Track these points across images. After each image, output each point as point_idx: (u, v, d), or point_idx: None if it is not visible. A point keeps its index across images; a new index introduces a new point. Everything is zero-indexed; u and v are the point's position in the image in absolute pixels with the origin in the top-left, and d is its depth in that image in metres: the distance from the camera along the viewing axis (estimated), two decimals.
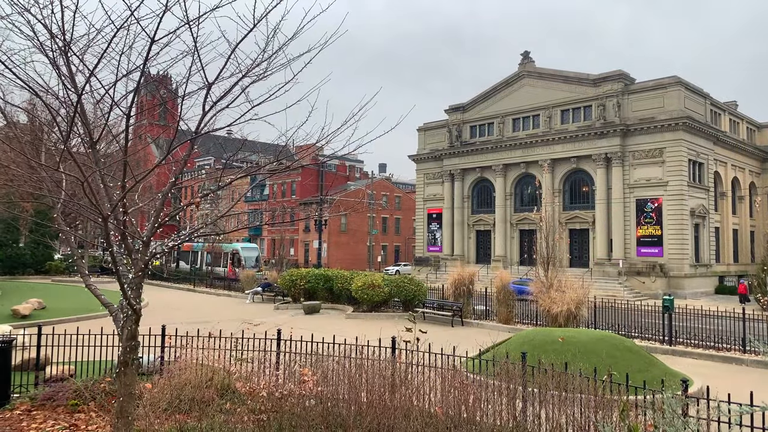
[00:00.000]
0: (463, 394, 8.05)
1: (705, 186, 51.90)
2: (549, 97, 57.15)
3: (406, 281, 28.11)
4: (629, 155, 51.22)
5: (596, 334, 14.85)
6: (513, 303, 24.99)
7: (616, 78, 52.53)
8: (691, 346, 19.43)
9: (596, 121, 52.94)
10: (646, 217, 49.73)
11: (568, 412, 7.71)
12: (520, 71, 60.38)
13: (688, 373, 14.85)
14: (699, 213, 50.47)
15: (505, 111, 60.68)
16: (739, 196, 59.03)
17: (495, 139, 60.91)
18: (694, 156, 50.22)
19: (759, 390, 8.63)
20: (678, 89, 49.24)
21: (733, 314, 22.36)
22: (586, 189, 55.24)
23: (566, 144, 55.05)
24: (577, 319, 21.06)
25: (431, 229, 67.63)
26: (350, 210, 59.36)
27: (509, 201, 60.57)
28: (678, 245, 47.97)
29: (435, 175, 67.74)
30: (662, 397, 5.25)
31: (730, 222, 56.82)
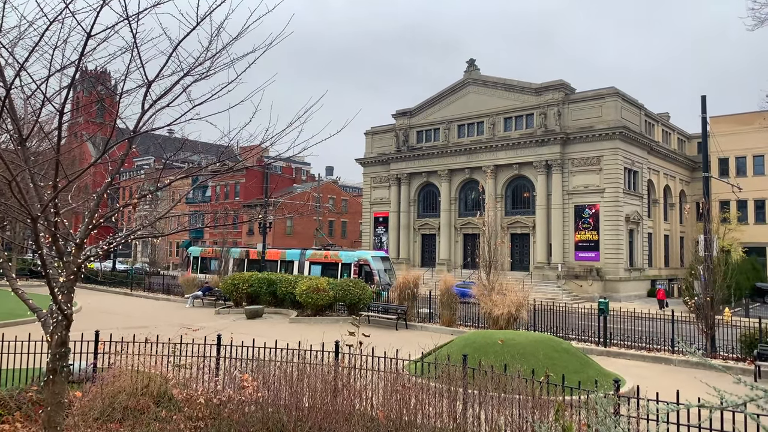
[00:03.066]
0: (405, 397, 8.10)
1: (639, 193, 54.22)
2: (493, 104, 58.43)
3: (351, 285, 28.06)
4: (568, 163, 52.94)
5: (535, 336, 15.25)
6: (456, 306, 25.35)
7: (557, 88, 54.23)
8: (625, 347, 20.23)
9: (538, 129, 54.48)
10: (584, 222, 51.50)
11: (507, 413, 7.88)
12: (465, 78, 61.46)
13: (622, 373, 15.45)
14: (633, 219, 52.67)
15: (451, 117, 61.63)
16: (670, 203, 61.95)
17: (441, 145, 61.74)
18: (630, 164, 52.39)
19: (685, 388, 9.07)
20: (615, 100, 51.29)
21: (663, 316, 23.45)
22: (528, 195, 56.70)
23: (509, 151, 56.38)
24: (517, 321, 21.57)
25: (378, 233, 67.84)
26: (295, 213, 58.61)
27: (454, 206, 61.48)
28: (614, 250, 49.89)
29: (382, 179, 68.06)
30: (595, 397, 5.44)
31: (661, 228, 59.54)
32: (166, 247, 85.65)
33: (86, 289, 41.70)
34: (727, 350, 19.54)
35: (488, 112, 58.43)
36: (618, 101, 51.40)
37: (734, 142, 58.31)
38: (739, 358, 18.61)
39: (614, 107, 51.17)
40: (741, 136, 57.70)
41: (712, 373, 9.38)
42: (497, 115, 57.99)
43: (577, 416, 7.15)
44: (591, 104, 52.35)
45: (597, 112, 51.83)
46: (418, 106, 65.31)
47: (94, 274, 48.84)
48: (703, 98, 24.33)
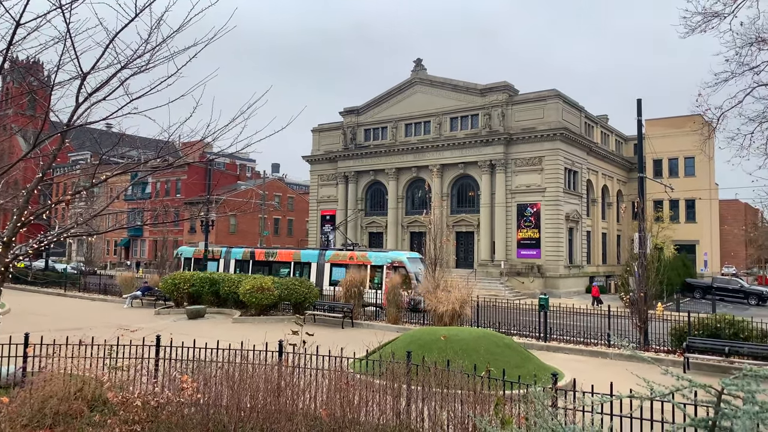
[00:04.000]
0: (349, 394, 8.09)
1: (578, 193, 56.06)
2: (440, 104, 59.13)
3: (297, 284, 27.81)
4: (512, 162, 54.18)
5: (478, 332, 15.53)
6: (402, 303, 25.52)
7: (501, 89, 55.39)
8: (564, 342, 20.88)
9: (482, 129, 55.49)
10: (526, 221, 52.84)
11: (449, 408, 7.99)
12: (412, 78, 61.93)
13: (561, 366, 15.95)
14: (573, 218, 54.42)
15: (399, 116, 61.98)
16: (608, 202, 64.34)
17: (388, 143, 62.00)
18: (570, 165, 54.09)
19: (619, 380, 9.43)
20: (556, 102, 52.83)
21: (600, 312, 24.34)
22: (473, 194, 57.69)
23: (454, 150, 57.19)
24: (461, 317, 21.91)
25: (325, 231, 67.50)
26: (238, 210, 57.35)
27: (401, 204, 61.89)
28: (554, 248, 51.40)
29: (329, 177, 67.77)
30: (534, 390, 5.58)
31: (599, 226, 61.77)
32: (104, 245, 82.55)
33: (15, 290, 39.69)
34: (659, 343, 20.46)
35: (435, 111, 59.09)
36: (559, 103, 52.95)
37: (667, 144, 61.14)
38: (669, 350, 19.51)
39: (555, 109, 52.69)
40: (674, 138, 60.53)
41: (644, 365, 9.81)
42: (444, 115, 58.72)
43: (516, 409, 7.32)
44: (533, 106, 53.73)
45: (539, 113, 53.25)
46: (366, 104, 65.36)
47: (24, 274, 46.51)
48: (638, 101, 25.34)
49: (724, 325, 18.39)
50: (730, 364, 16.65)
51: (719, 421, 3.74)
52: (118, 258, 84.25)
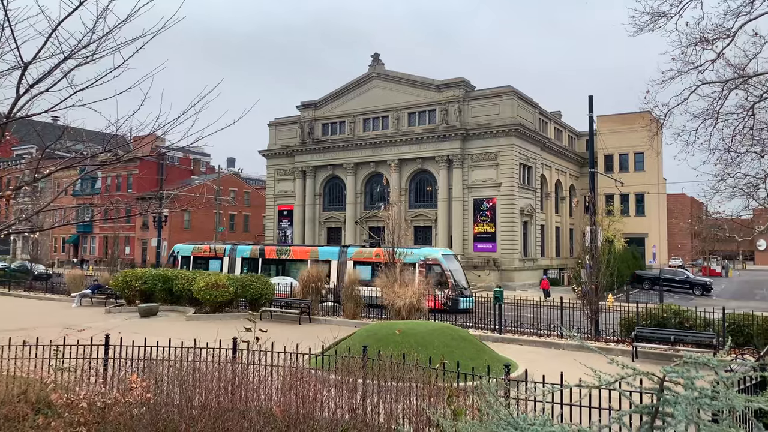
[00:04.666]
0: (303, 391, 8.03)
1: (533, 187, 57.15)
2: (398, 99, 59.24)
3: (253, 280, 27.45)
4: (468, 158, 54.78)
5: (435, 325, 15.66)
6: (360, 298, 25.52)
7: (457, 85, 55.88)
8: (518, 334, 21.27)
9: (440, 124, 55.90)
10: (482, 215, 53.57)
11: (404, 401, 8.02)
12: (370, 73, 61.83)
13: (515, 357, 16.24)
14: (527, 212, 55.46)
15: (357, 110, 61.81)
16: (561, 197, 65.82)
17: (346, 138, 61.78)
18: (524, 160, 55.06)
19: (569, 370, 9.66)
20: (511, 98, 53.64)
21: (553, 303, 24.91)
22: (430, 188, 58.11)
23: (412, 145, 57.44)
24: (419, 311, 22.06)
25: (282, 227, 66.85)
26: (190, 206, 56.06)
27: (359, 199, 61.80)
28: (509, 241, 52.29)
29: (286, 172, 67.08)
30: (485, 382, 5.65)
31: (553, 220, 63.16)
32: (51, 242, 79.62)
33: None
34: (610, 333, 21.07)
35: (393, 106, 59.17)
36: (514, 99, 53.78)
37: (618, 140, 62.95)
38: (619, 340, 20.12)
39: (510, 105, 53.49)
40: (624, 134, 62.32)
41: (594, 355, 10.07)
42: (402, 110, 58.87)
43: (470, 401, 7.40)
44: (489, 102, 54.42)
45: (495, 109, 53.97)
46: (324, 98, 64.92)
47: None
48: (590, 98, 25.97)
49: (670, 315, 19.08)
50: (675, 352, 17.28)
51: (661, 407, 3.84)
52: (67, 256, 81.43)
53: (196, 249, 41.50)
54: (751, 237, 24.17)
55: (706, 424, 3.55)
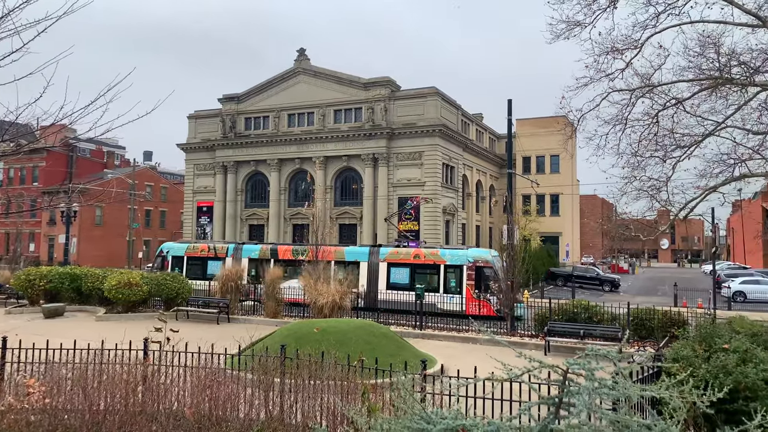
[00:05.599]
0: (217, 391, 7.79)
1: (455, 187, 58.46)
2: (324, 96, 58.84)
3: (168, 278, 26.42)
4: (394, 157, 55.28)
5: (356, 323, 15.66)
6: (282, 297, 25.14)
7: (384, 84, 56.22)
8: (438, 330, 21.67)
9: (366, 123, 56.04)
10: (407, 213, 54.22)
11: (322, 399, 7.95)
12: (295, 68, 61.06)
13: (434, 353, 16.51)
14: (450, 211, 56.67)
15: (281, 105, 60.86)
16: (481, 196, 67.70)
17: (270, 133, 60.70)
18: (447, 160, 56.21)
19: (485, 364, 9.92)
20: (435, 99, 54.60)
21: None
22: (356, 186, 58.17)
23: (338, 143, 57.26)
24: (342, 309, 22.00)
25: (201, 223, 64.78)
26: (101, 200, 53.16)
27: (283, 196, 60.93)
28: (432, 239, 53.16)
29: (207, 167, 65.04)
30: (400, 378, 5.68)
31: (474, 219, 64.87)
32: None
33: None
34: (525, 328, 21.86)
35: (319, 103, 58.73)
36: (438, 101, 54.77)
37: (536, 143, 65.43)
38: (533, 335, 20.92)
39: (434, 106, 54.44)
40: (541, 137, 64.82)
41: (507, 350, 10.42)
42: (328, 107, 58.54)
43: (386, 397, 7.43)
44: (414, 102, 55.15)
45: (420, 109, 54.76)
46: (247, 92, 63.46)
47: None
48: (509, 102, 26.78)
49: (580, 310, 20.04)
50: (584, 345, 18.15)
51: (565, 397, 3.97)
52: None
53: (191, 248, 36.47)
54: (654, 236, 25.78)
55: (605, 412, 3.71)
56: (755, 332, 11.51)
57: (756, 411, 3.72)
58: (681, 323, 17.86)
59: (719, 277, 41.51)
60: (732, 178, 19.59)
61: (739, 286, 38.46)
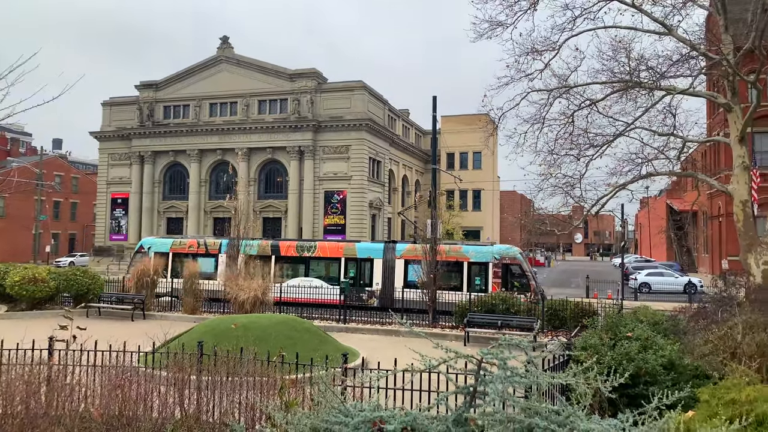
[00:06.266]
0: (128, 391, 7.44)
1: (381, 182, 58.84)
2: (248, 85, 57.48)
3: (78, 274, 24.99)
4: (320, 150, 54.90)
5: (278, 317, 15.45)
6: (200, 292, 24.40)
7: (310, 75, 55.63)
8: (362, 323, 21.75)
9: (291, 114, 55.29)
10: (333, 207, 54.07)
11: (240, 396, 7.78)
12: (218, 55, 59.29)
13: (358, 346, 16.55)
14: (376, 205, 57.01)
15: (203, 94, 58.91)
16: (407, 191, 68.51)
17: (191, 123, 58.66)
18: (374, 154, 56.47)
19: (406, 356, 10.05)
20: (363, 93, 54.64)
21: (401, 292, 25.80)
22: (281, 179, 57.35)
23: (263, 134, 56.18)
24: (264, 304, 21.63)
25: (115, 216, 61.76)
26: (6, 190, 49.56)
27: (204, 188, 59.14)
28: (358, 233, 53.34)
29: (122, 157, 62.00)
30: (318, 372, 5.63)
31: None
32: None
33: None
34: (446, 320, 22.33)
35: (243, 92, 57.32)
36: (365, 95, 54.85)
37: (459, 140, 66.84)
38: (454, 326, 21.41)
39: (362, 100, 54.49)
40: (465, 134, 66.29)
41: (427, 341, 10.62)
42: (252, 97, 57.26)
43: (306, 391, 7.37)
44: (341, 95, 54.96)
45: (347, 103, 54.63)
46: (167, 79, 60.98)
47: None
48: (434, 98, 27.18)
49: (498, 302, 20.71)
50: (501, 335, 18.77)
51: (479, 387, 4.06)
52: None
53: (177, 244, 32.10)
54: (568, 231, 27.05)
55: (516, 400, 3.83)
56: (656, 321, 12.31)
57: (654, 394, 3.95)
58: (591, 313, 18.82)
59: (627, 269, 44.07)
60: (640, 176, 20.84)
61: (644, 278, 41.03)
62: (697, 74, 20.01)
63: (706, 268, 49.08)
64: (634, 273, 43.60)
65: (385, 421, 4.05)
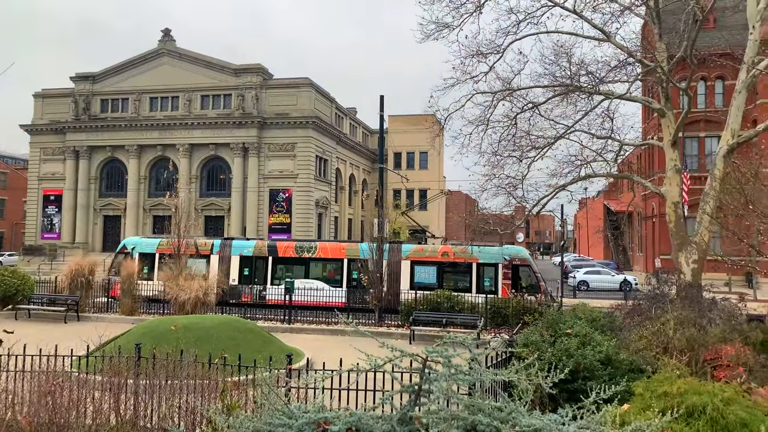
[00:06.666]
0: (59, 397, 7.09)
1: (328, 180, 58.53)
2: (190, 80, 55.98)
3: (6, 274, 23.71)
4: (265, 147, 54.08)
5: (221, 318, 15.11)
6: (139, 293, 23.59)
7: (255, 71, 54.73)
8: (307, 323, 21.54)
9: (236, 110, 54.23)
10: (278, 206, 53.38)
11: (180, 400, 7.54)
12: (159, 48, 57.52)
13: (303, 347, 16.38)
14: (323, 204, 56.66)
15: (143, 88, 56.98)
16: (354, 190, 68.43)
17: (130, 117, 56.65)
18: (321, 153, 56.10)
19: (352, 355, 10.00)
20: (309, 90, 54.18)
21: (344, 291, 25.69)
22: (224, 177, 56.18)
23: (206, 130, 54.86)
24: (206, 305, 21.12)
25: (48, 213, 58.91)
26: None
27: (143, 185, 57.23)
28: (304, 232, 52.88)
29: (55, 151, 59.20)
30: (261, 374, 5.52)
31: (346, 212, 65.42)
32: None
33: None
34: (392, 318, 22.40)
35: (185, 87, 55.78)
36: (312, 92, 54.41)
37: (406, 139, 67.25)
38: (400, 324, 21.50)
39: (308, 97, 54.03)
40: (412, 134, 66.73)
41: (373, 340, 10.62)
42: (194, 92, 55.81)
43: (250, 394, 7.21)
44: (288, 92, 54.33)
45: (293, 100, 54.05)
46: (104, 71, 58.69)
47: None
48: (381, 98, 27.20)
49: (443, 300, 20.96)
50: (447, 333, 18.98)
51: (424, 385, 4.07)
52: None
53: (165, 244, 29.15)
54: (511, 230, 27.63)
55: (460, 397, 3.85)
56: (594, 318, 12.73)
57: (592, 389, 4.06)
58: (532, 311, 19.28)
59: (566, 268, 45.47)
60: (579, 177, 21.48)
61: (583, 276, 42.45)
62: (634, 80, 20.82)
63: (641, 267, 51.27)
64: (573, 271, 45.03)
65: (330, 422, 4.01)
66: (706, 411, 5.43)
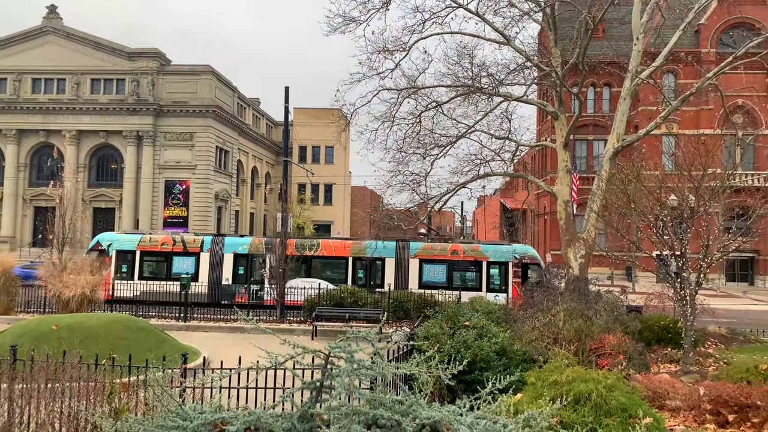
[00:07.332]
0: None
1: (229, 172, 56.78)
2: (79, 61, 52.10)
3: None
4: (161, 136, 51.52)
5: (109, 317, 14.23)
6: (17, 290, 21.68)
7: (152, 56, 51.93)
8: (204, 321, 20.78)
9: (129, 96, 51.20)
10: (174, 198, 51.08)
11: (62, 405, 7.00)
12: (44, 26, 53.05)
13: (200, 345, 15.77)
14: (222, 197, 54.90)
15: (24, 67, 52.29)
16: (257, 183, 66.89)
17: (8, 99, 51.83)
18: (222, 144, 54.29)
19: (252, 353, 9.73)
20: (210, 78, 52.20)
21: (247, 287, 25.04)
22: (115, 166, 52.94)
23: (95, 116, 51.38)
24: (93, 302, 19.81)
25: None
26: None
27: (23, 173, 52.66)
28: (202, 226, 50.94)
29: None
30: (152, 374, 5.23)
31: (248, 206, 63.83)
32: None
33: None
34: (294, 314, 22.12)
35: (73, 69, 51.84)
36: (213, 80, 52.50)
37: (312, 133, 66.59)
38: (302, 320, 21.28)
39: (209, 85, 52.08)
40: (318, 128, 66.16)
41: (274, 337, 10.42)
42: (83, 74, 52.03)
43: (141, 396, 6.82)
44: (186, 79, 52.04)
45: (192, 87, 51.85)
46: None
47: None
48: (286, 89, 26.71)
49: (346, 295, 21.00)
50: (350, 328, 19.04)
51: (325, 381, 4.01)
52: None
53: (146, 240, 27.16)
54: (414, 225, 28.25)
55: (362, 392, 3.84)
56: (490, 310, 13.28)
57: (488, 379, 4.18)
58: (433, 304, 19.78)
59: None
60: (478, 176, 22.31)
61: None
62: (531, 83, 21.91)
63: None
64: None
65: (227, 423, 3.87)
66: (591, 398, 5.79)
